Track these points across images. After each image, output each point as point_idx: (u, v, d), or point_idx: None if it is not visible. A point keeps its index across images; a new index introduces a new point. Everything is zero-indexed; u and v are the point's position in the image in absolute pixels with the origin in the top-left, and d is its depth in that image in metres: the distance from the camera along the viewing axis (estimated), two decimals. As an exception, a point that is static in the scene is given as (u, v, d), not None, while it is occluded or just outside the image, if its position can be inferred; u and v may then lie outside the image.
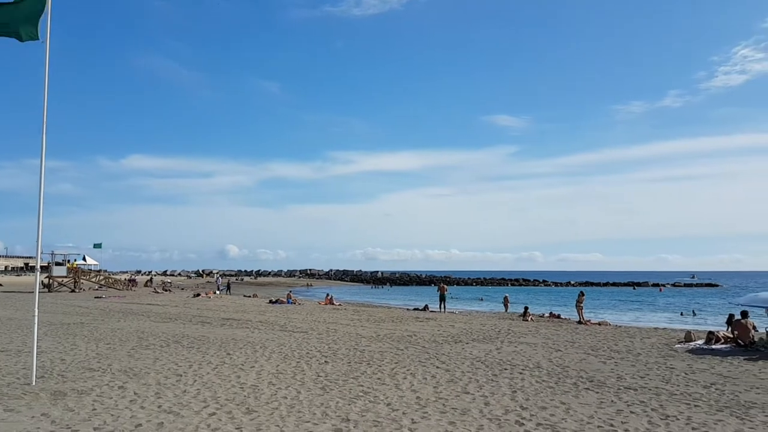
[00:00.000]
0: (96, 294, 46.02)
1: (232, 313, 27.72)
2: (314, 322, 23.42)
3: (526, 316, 28.22)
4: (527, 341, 17.44)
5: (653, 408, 8.84)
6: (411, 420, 7.94)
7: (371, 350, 14.95)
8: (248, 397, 9.26)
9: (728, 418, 8.24)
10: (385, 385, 10.45)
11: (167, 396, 9.26)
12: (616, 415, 8.41)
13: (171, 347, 15.02)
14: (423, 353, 14.57)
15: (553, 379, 11.20)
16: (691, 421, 8.06)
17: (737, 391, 10.19)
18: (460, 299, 58.29)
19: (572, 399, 9.47)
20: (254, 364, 12.42)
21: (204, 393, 9.49)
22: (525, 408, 8.76)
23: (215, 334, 18.29)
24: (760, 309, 16.82)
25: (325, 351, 14.66)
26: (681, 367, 12.85)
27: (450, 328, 21.21)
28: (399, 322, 24.03)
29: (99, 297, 41.88)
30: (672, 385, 10.68)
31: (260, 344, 15.77)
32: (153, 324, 21.48)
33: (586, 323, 26.37)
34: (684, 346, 16.21)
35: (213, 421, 7.73)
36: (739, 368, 12.66)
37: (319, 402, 8.96)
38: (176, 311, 28.27)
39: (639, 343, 17.12)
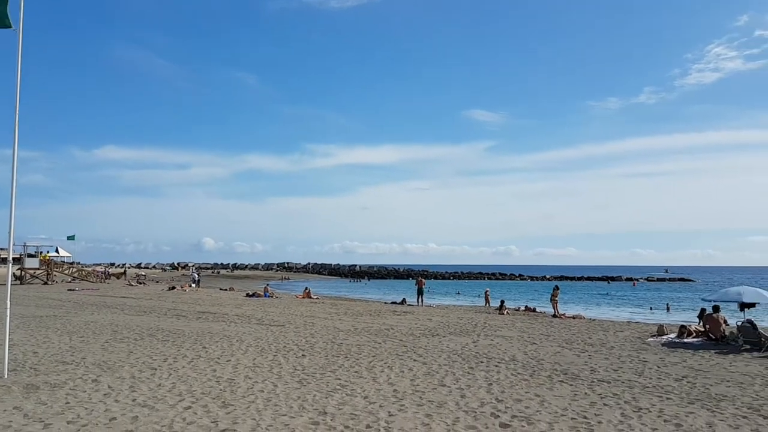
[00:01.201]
0: (69, 286, 45.37)
1: (208, 306, 27.53)
2: (292, 315, 23.36)
3: (502, 310, 28.48)
4: (503, 334, 17.61)
5: (626, 400, 9.00)
6: (388, 413, 7.97)
7: (349, 343, 14.96)
8: (224, 390, 9.21)
9: (699, 410, 8.41)
10: (362, 378, 10.47)
11: (142, 389, 9.18)
12: (590, 407, 8.54)
13: (145, 340, 14.88)
14: (400, 346, 14.63)
15: (528, 372, 11.33)
16: (663, 413, 8.21)
17: (708, 384, 10.40)
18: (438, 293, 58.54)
19: (547, 391, 9.59)
20: (230, 358, 12.36)
21: (179, 386, 9.43)
22: (500, 400, 8.86)
23: (191, 327, 18.15)
24: (732, 304, 17.17)
25: (303, 344, 14.64)
26: (653, 360, 13.09)
27: (427, 322, 21.32)
28: (377, 315, 24.09)
29: (72, 289, 41.29)
30: (645, 378, 10.88)
31: (237, 338, 15.69)
32: (127, 317, 21.24)
33: (561, 317, 26.70)
34: (657, 340, 16.51)
35: (188, 414, 7.69)
36: (710, 361, 12.93)
37: (296, 395, 8.95)
38: (151, 304, 27.99)
39: (612, 337, 17.39)
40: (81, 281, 53.99)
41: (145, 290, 42.90)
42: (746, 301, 16.45)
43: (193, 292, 41.54)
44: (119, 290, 42.05)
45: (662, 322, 23.12)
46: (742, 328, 14.96)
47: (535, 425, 7.49)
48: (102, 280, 58.36)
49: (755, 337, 14.53)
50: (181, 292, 40.59)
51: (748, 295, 16.68)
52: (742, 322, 15.18)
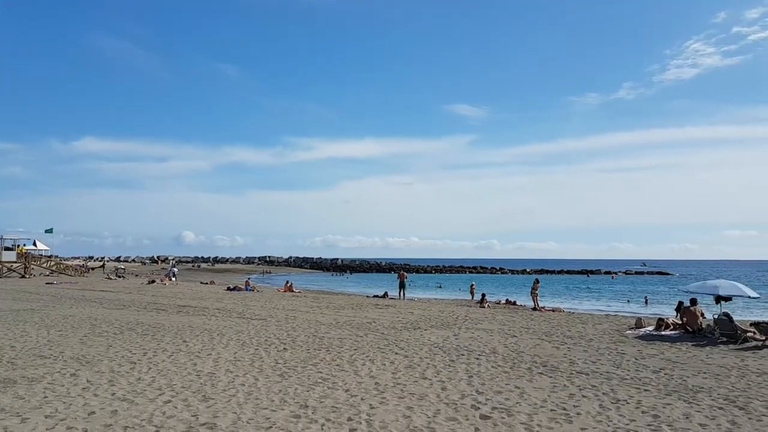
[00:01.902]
0: (47, 280, 44.74)
1: (188, 300, 27.33)
2: (273, 309, 23.29)
3: (483, 303, 28.66)
4: (484, 327, 17.72)
5: (604, 392, 9.12)
6: (369, 405, 8.00)
7: (330, 337, 14.96)
8: (205, 384, 9.17)
9: (676, 401, 8.55)
10: (344, 371, 10.49)
11: (121, 384, 9.11)
12: (569, 398, 8.64)
13: (125, 334, 14.74)
14: (382, 340, 14.66)
15: (509, 364, 11.43)
16: (641, 404, 8.34)
17: (685, 375, 10.58)
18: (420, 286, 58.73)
19: (526, 383, 9.69)
20: (211, 352, 12.30)
21: (159, 381, 9.37)
22: (481, 392, 8.93)
23: (171, 321, 18.01)
24: (708, 296, 17.44)
25: (284, 338, 14.61)
26: (631, 352, 13.27)
27: (409, 315, 21.39)
28: (358, 309, 24.10)
29: (50, 283, 40.74)
30: (623, 370, 11.03)
31: (217, 331, 15.61)
32: (106, 311, 21.02)
33: (541, 310, 26.96)
34: (634, 332, 16.73)
35: (168, 408, 7.65)
36: (687, 354, 13.14)
37: (277, 389, 8.94)
38: (130, 298, 27.72)
39: (591, 329, 17.59)
40: (59, 275, 53.28)
41: (124, 284, 42.47)
42: (723, 294, 16.73)
43: (173, 285, 41.21)
44: (98, 284, 41.57)
45: (640, 314, 23.43)
46: (718, 321, 15.20)
47: (515, 416, 7.57)
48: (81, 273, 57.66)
49: (731, 330, 14.77)
50: (161, 285, 40.24)
51: (724, 288, 16.96)
52: (719, 315, 15.42)
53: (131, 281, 47.64)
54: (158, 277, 46.35)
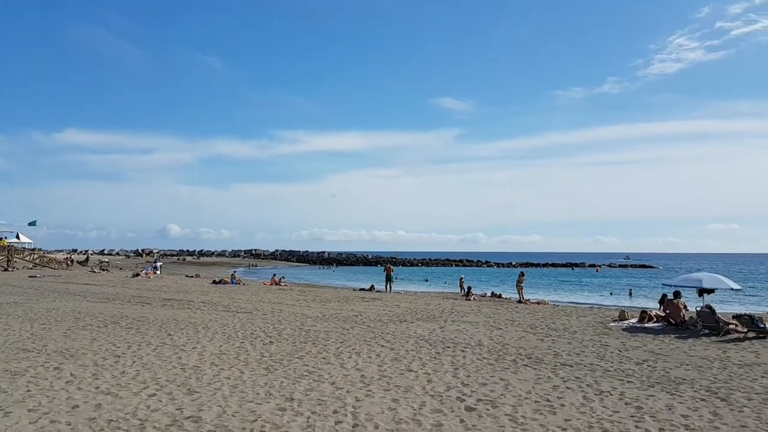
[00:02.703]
0: (30, 273, 44.25)
1: (173, 293, 27.18)
2: (259, 302, 23.22)
3: (468, 296, 28.77)
4: (469, 320, 17.80)
5: (588, 384, 9.20)
6: (355, 398, 8.01)
7: (317, 330, 14.95)
8: (190, 378, 9.13)
9: (659, 393, 8.65)
10: (330, 364, 10.49)
11: (105, 377, 9.05)
12: (553, 390, 8.71)
13: (109, 328, 14.64)
14: (368, 332, 14.68)
15: (494, 357, 11.50)
16: (624, 396, 8.43)
17: (668, 367, 10.69)
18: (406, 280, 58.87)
19: (511, 375, 9.75)
20: (196, 345, 12.24)
21: (143, 374, 9.32)
22: (466, 384, 8.98)
23: (155, 314, 17.90)
24: (691, 289, 17.63)
25: (270, 331, 14.58)
26: (615, 344, 13.40)
27: (395, 308, 21.43)
28: (345, 302, 24.10)
29: (33, 276, 40.29)
30: (606, 362, 11.13)
31: (203, 325, 15.54)
32: (90, 304, 20.85)
33: (526, 302, 27.11)
34: (618, 325, 16.89)
35: (153, 402, 7.61)
36: (670, 346, 13.28)
37: (262, 382, 8.93)
38: (114, 291, 27.51)
39: (575, 322, 17.73)
40: (43, 268, 52.74)
41: (108, 277, 42.13)
42: (706, 287, 16.93)
43: (158, 279, 40.96)
44: (82, 277, 41.20)
45: (624, 307, 23.65)
46: (701, 314, 15.37)
47: (500, 408, 7.62)
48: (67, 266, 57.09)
49: (714, 322, 14.95)
50: (146, 279, 39.98)
51: (707, 281, 17.17)
52: (702, 307, 15.59)
53: (115, 274, 47.27)
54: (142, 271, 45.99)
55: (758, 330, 14.12)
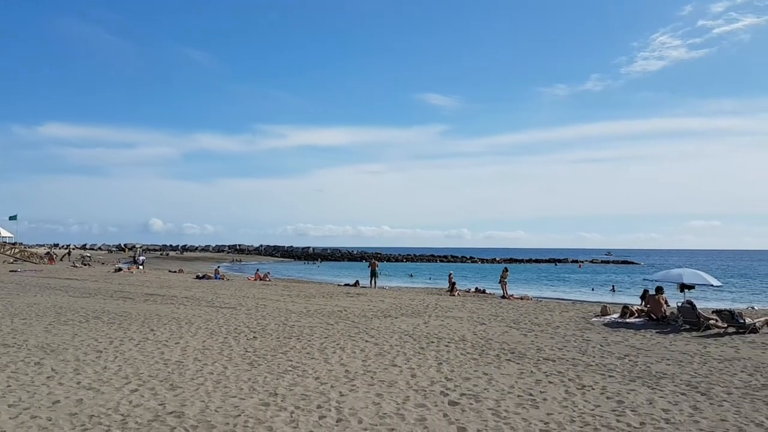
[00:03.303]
0: (11, 267, 43.67)
1: (156, 288, 26.97)
2: (243, 297, 23.13)
3: (453, 292, 28.87)
4: (454, 315, 17.87)
5: (570, 378, 9.28)
6: (339, 393, 8.02)
7: (301, 325, 14.93)
8: (172, 373, 9.08)
9: (640, 387, 8.75)
10: (314, 359, 10.48)
11: (87, 372, 8.97)
12: (536, 384, 8.78)
13: (90, 323, 14.50)
14: (353, 328, 14.69)
15: (477, 351, 11.56)
16: (606, 390, 8.51)
17: (649, 362, 10.81)
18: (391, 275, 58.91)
19: (494, 370, 9.81)
20: (179, 340, 12.16)
21: (126, 369, 9.25)
22: (450, 379, 9.02)
23: (138, 309, 17.76)
24: (672, 285, 17.83)
25: (254, 326, 14.53)
26: (597, 339, 13.52)
27: (380, 303, 21.45)
28: (329, 297, 24.08)
29: (14, 271, 39.80)
30: (588, 357, 11.24)
31: (186, 320, 15.44)
32: (71, 299, 20.63)
33: (510, 298, 27.28)
34: (600, 320, 17.04)
35: (135, 397, 7.56)
36: (651, 341, 13.43)
37: (246, 377, 8.90)
38: (96, 286, 27.24)
39: (558, 317, 17.87)
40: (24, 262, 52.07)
41: (90, 272, 41.70)
42: (686, 283, 17.13)
43: (141, 273, 40.61)
44: (63, 272, 40.74)
45: (605, 302, 23.87)
46: (681, 309, 15.55)
47: (483, 402, 7.67)
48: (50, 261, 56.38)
49: (694, 318, 15.13)
50: (128, 273, 39.63)
51: (688, 276, 17.37)
52: (682, 302, 15.78)
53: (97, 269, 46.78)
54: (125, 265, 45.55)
55: (738, 325, 14.31)
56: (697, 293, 24.01)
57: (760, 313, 18.61)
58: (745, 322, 14.34)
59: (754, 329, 14.22)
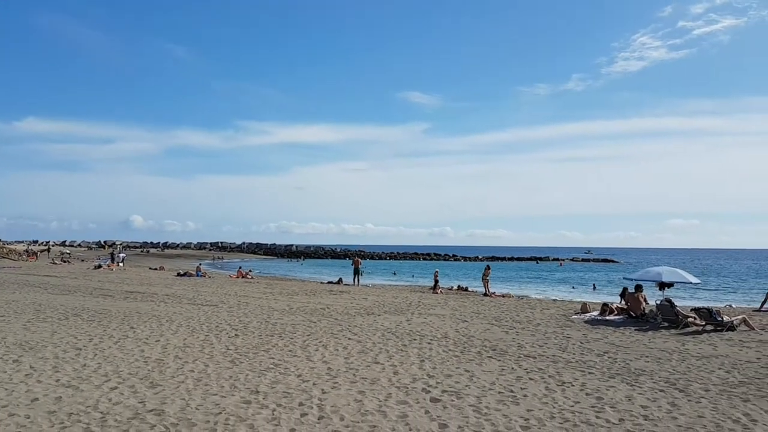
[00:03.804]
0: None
1: (136, 286, 26.73)
2: (225, 295, 23.00)
3: (435, 289, 28.97)
4: (436, 313, 17.93)
5: (550, 375, 9.36)
6: (321, 390, 8.01)
7: (283, 323, 14.88)
8: (152, 371, 9.01)
9: (619, 384, 8.84)
10: (296, 357, 10.45)
11: (66, 370, 8.87)
12: (516, 381, 8.85)
13: (70, 320, 14.33)
14: (335, 325, 14.67)
15: (459, 348, 11.61)
16: (586, 387, 8.60)
17: (628, 359, 10.93)
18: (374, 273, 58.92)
19: (476, 367, 9.87)
20: (159, 338, 12.07)
21: (105, 367, 9.16)
22: (432, 376, 9.05)
23: (118, 307, 17.59)
24: (652, 283, 18.03)
25: (236, 324, 14.46)
26: (577, 336, 13.65)
27: (363, 301, 21.45)
28: (312, 295, 24.04)
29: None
30: (568, 354, 11.34)
31: (166, 318, 15.32)
32: (51, 296, 20.38)
33: (492, 295, 27.43)
34: (580, 317, 17.20)
35: (114, 395, 7.49)
36: (630, 338, 13.58)
37: (227, 375, 8.85)
38: (76, 283, 26.93)
39: (539, 314, 18.01)
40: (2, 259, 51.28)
41: (69, 269, 41.22)
42: (665, 281, 17.34)
43: (121, 271, 40.21)
44: (42, 269, 40.23)
45: (586, 300, 24.09)
46: (660, 307, 15.73)
47: (464, 399, 7.71)
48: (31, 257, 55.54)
49: (673, 315, 15.31)
50: (108, 271, 39.23)
51: (667, 274, 17.58)
52: (661, 300, 15.97)
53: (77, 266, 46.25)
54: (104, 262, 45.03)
55: (716, 323, 14.51)
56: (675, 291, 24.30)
57: (738, 311, 18.90)
58: (723, 320, 14.55)
59: (732, 327, 14.43)
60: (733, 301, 31.69)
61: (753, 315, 17.15)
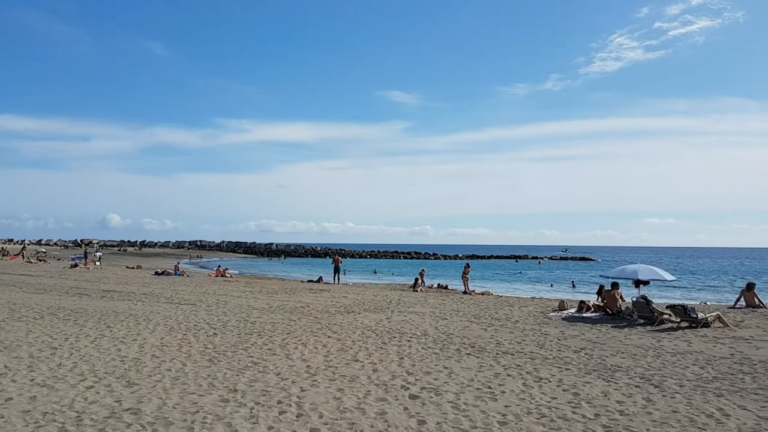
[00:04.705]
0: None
1: (113, 285, 26.40)
2: (203, 294, 22.83)
3: (416, 287, 29.03)
4: (416, 310, 17.99)
5: (528, 371, 9.46)
6: (300, 388, 7.99)
7: (263, 321, 14.82)
8: (129, 370, 8.92)
9: (596, 380, 8.96)
10: (275, 355, 10.42)
11: (41, 369, 8.75)
12: (494, 378, 8.92)
13: (45, 319, 14.12)
14: (315, 324, 14.65)
15: (438, 346, 11.67)
16: (562, 383, 8.70)
17: (604, 355, 11.08)
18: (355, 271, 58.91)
19: (455, 364, 9.92)
20: (137, 337, 11.94)
21: (81, 366, 9.04)
22: (411, 373, 9.09)
23: (94, 306, 17.37)
24: (628, 280, 18.26)
25: (214, 323, 14.36)
26: (554, 333, 13.79)
27: (343, 299, 21.43)
28: (292, 293, 23.96)
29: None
30: (546, 350, 11.46)
31: (144, 317, 15.16)
32: (26, 295, 20.05)
33: (471, 293, 27.58)
34: (558, 315, 17.37)
35: (90, 394, 7.40)
36: (606, 335, 13.75)
37: (205, 374, 8.79)
38: (52, 282, 26.52)
39: (517, 312, 18.16)
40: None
41: (45, 267, 40.55)
42: (641, 279, 17.58)
43: (98, 270, 39.69)
44: (18, 267, 39.52)
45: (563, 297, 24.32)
46: (636, 304, 15.94)
47: (443, 395, 7.75)
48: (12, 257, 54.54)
49: (648, 312, 15.53)
50: (84, 270, 38.69)
51: (643, 272, 17.82)
52: (637, 298, 16.18)
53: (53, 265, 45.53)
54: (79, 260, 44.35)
55: (691, 320, 14.75)
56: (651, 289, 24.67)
57: (712, 308, 19.20)
58: (698, 317, 14.80)
59: (706, 324, 14.68)
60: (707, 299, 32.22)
61: (727, 312, 17.45)
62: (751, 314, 17.21)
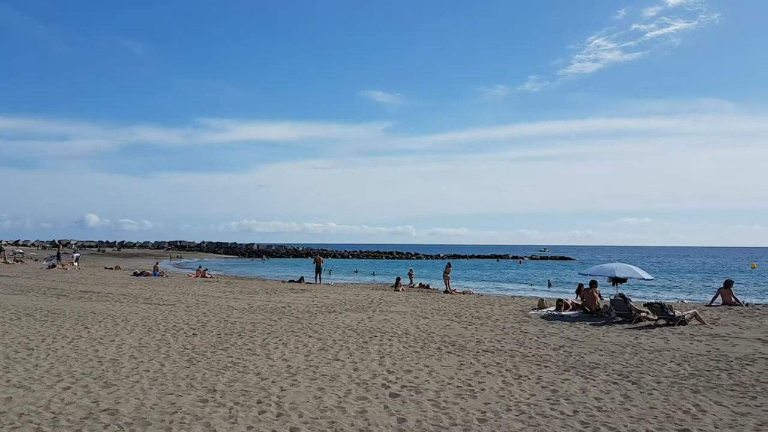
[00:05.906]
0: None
1: (91, 285, 26.07)
2: (183, 294, 22.64)
3: (397, 287, 29.08)
4: (397, 310, 18.02)
5: (508, 369, 9.53)
6: (280, 388, 7.97)
7: (243, 322, 14.74)
8: (107, 371, 8.82)
9: (574, 377, 9.05)
10: (255, 355, 10.38)
11: (17, 370, 8.62)
12: (474, 375, 8.98)
13: (22, 320, 13.91)
14: (296, 323, 14.61)
15: (419, 345, 11.71)
16: (541, 380, 8.78)
17: (583, 353, 11.20)
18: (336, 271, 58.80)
19: (435, 362, 9.97)
20: (114, 338, 11.82)
21: (58, 367, 8.93)
22: (391, 372, 9.11)
23: (72, 307, 17.14)
24: (605, 278, 18.47)
25: (194, 323, 14.25)
26: (534, 331, 13.91)
27: (324, 299, 21.39)
28: (273, 293, 23.86)
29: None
30: (525, 348, 11.55)
31: (122, 317, 15.00)
32: (2, 296, 19.72)
33: (452, 292, 27.71)
34: (537, 313, 17.52)
35: (67, 395, 7.31)
36: (585, 332, 13.90)
37: (184, 374, 8.73)
38: (29, 283, 26.12)
39: (498, 310, 18.27)
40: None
41: (22, 268, 39.92)
42: (619, 277, 17.78)
43: (75, 270, 39.16)
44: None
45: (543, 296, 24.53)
46: (614, 302, 16.13)
47: (423, 394, 7.78)
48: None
49: (626, 310, 15.72)
50: (62, 270, 38.16)
51: (620, 270, 18.04)
52: (615, 296, 16.37)
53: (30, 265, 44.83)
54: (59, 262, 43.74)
55: (668, 317, 14.94)
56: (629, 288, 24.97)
57: (689, 306, 19.50)
58: (675, 315, 14.99)
59: (683, 321, 14.89)
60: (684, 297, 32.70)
61: (704, 310, 17.71)
62: (727, 312, 17.48)
